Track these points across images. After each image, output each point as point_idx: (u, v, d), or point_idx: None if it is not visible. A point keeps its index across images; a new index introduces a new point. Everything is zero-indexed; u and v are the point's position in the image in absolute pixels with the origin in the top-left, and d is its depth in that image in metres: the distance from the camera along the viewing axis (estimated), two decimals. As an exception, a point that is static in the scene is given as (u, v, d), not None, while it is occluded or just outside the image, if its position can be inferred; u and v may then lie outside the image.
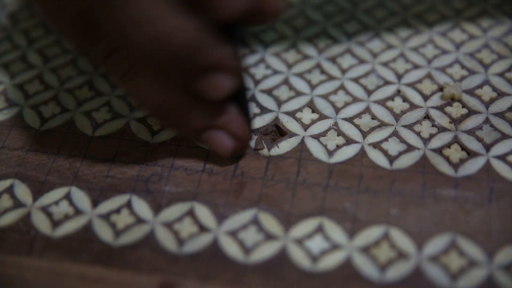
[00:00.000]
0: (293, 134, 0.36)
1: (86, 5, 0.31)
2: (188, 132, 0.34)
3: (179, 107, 0.33)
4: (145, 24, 0.30)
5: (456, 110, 0.37)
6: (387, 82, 0.39)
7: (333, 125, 0.37)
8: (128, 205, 0.34)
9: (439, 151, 0.35)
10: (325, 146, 0.36)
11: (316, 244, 0.32)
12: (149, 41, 0.30)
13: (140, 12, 0.29)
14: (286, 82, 0.40)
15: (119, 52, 0.32)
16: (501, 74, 0.39)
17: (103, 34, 0.31)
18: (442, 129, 0.36)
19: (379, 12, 0.44)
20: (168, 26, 0.30)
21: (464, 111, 0.37)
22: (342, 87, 0.39)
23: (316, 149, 0.36)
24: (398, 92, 0.38)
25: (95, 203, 0.34)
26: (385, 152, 0.35)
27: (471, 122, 0.36)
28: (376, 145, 0.35)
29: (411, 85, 0.39)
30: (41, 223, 0.33)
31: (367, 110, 0.37)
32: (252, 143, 0.36)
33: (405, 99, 0.38)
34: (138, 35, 0.30)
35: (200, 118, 0.33)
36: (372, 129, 0.36)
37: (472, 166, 0.34)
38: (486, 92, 0.38)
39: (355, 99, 0.38)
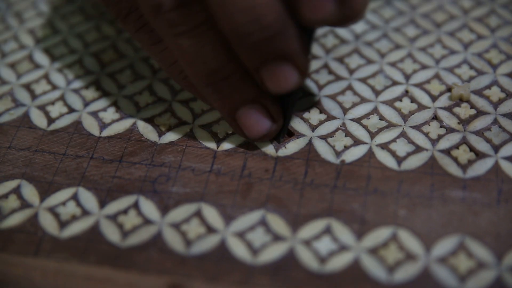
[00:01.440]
0: (300, 135, 0.36)
1: None
2: (227, 105, 0.34)
3: (232, 76, 0.33)
4: None
5: (464, 110, 0.37)
6: (395, 83, 0.39)
7: (341, 126, 0.37)
8: (136, 206, 0.34)
9: (447, 152, 0.35)
10: (333, 147, 0.36)
11: (324, 245, 0.32)
12: (238, 13, 0.29)
13: None
14: (293, 82, 0.39)
15: (191, 5, 0.31)
16: (509, 75, 0.38)
17: None
18: (450, 130, 0.36)
19: (387, 12, 0.44)
20: (260, 2, 0.29)
21: (473, 111, 0.37)
22: (350, 88, 0.39)
23: (323, 150, 0.35)
24: (406, 93, 0.38)
25: (102, 204, 0.34)
26: (393, 153, 0.35)
27: (480, 123, 0.36)
28: (384, 146, 0.35)
29: (419, 85, 0.38)
30: (48, 223, 0.33)
31: (375, 110, 0.37)
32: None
33: (413, 100, 0.38)
34: (227, 7, 0.29)
35: (249, 91, 0.33)
36: (380, 129, 0.36)
37: (481, 167, 0.34)
38: (495, 93, 0.37)
39: (363, 100, 0.38)
